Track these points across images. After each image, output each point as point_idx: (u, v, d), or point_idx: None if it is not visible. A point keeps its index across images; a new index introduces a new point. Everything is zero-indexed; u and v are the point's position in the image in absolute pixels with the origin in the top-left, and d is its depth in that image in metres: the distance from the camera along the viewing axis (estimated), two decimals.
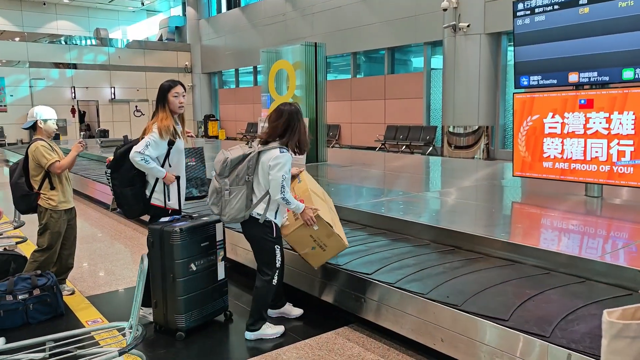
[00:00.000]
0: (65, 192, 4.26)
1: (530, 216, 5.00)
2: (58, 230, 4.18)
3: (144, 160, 3.52)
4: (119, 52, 24.03)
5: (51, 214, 4.14)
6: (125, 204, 3.74)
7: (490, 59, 12.61)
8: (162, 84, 3.75)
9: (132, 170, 3.63)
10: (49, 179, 4.15)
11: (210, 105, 25.94)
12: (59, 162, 4.13)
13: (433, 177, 8.31)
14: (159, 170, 3.63)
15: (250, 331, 3.47)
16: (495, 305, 2.87)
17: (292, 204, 3.30)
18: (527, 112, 5.52)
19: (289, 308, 3.83)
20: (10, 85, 21.25)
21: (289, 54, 9.46)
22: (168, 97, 3.68)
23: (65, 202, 4.24)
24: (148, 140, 3.55)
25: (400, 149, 15.18)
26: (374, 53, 17.20)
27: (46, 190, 4.15)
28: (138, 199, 3.72)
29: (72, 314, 4.02)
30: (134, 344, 2.62)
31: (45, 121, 4.20)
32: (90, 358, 2.61)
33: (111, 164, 3.72)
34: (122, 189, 3.69)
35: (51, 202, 4.14)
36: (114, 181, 3.71)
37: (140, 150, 3.51)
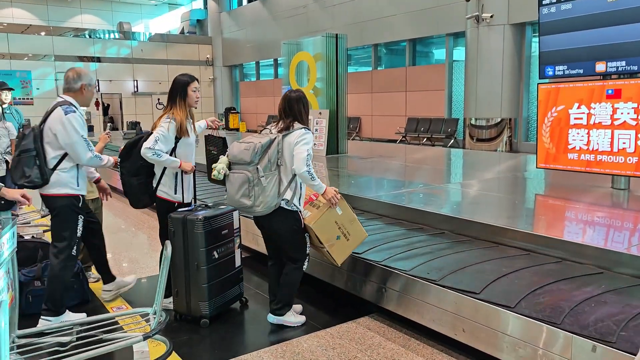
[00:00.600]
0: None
1: (554, 208, 4.92)
2: None
3: (155, 155, 3.49)
4: (141, 45, 24.29)
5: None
6: (130, 193, 3.75)
7: (514, 50, 12.40)
8: (178, 78, 3.71)
9: (140, 160, 3.63)
10: None
11: (231, 98, 26.08)
12: None
13: (454, 169, 8.24)
14: (173, 161, 3.59)
15: (275, 315, 3.50)
16: (513, 295, 2.84)
17: (316, 180, 3.27)
18: (552, 103, 5.43)
19: None
20: (36, 78, 21.65)
21: (309, 46, 9.44)
22: (188, 90, 3.67)
23: (90, 192, 4.25)
24: (157, 136, 3.52)
25: (421, 142, 15.07)
26: (395, 45, 17.06)
27: None
28: (143, 189, 3.72)
29: (97, 300, 4.11)
30: (157, 329, 2.67)
31: None
32: (116, 342, 2.67)
33: (121, 153, 3.76)
34: (129, 178, 3.72)
35: None
36: (123, 170, 3.75)
37: (150, 146, 3.49)
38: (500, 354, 2.76)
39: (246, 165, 3.29)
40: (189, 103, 3.69)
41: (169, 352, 2.75)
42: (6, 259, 2.39)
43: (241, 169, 3.32)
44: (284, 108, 3.42)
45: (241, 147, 3.32)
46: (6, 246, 2.34)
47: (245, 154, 3.29)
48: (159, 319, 2.73)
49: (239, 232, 3.84)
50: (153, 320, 2.78)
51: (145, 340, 2.62)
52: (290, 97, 3.43)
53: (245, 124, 24.33)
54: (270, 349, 3.24)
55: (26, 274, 3.90)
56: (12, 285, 2.69)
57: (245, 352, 3.21)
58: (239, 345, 3.35)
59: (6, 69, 20.55)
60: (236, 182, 3.32)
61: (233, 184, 3.34)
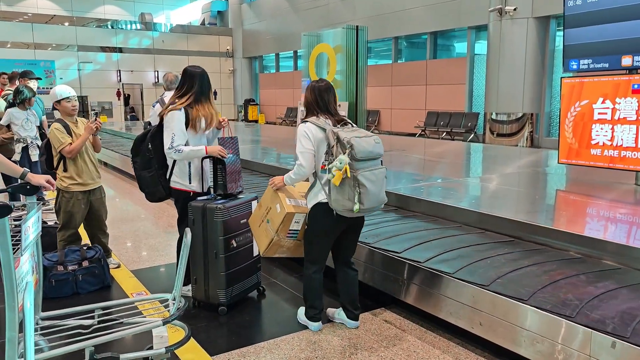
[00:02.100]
0: (81, 173, 4.21)
1: (575, 203, 4.85)
2: (70, 211, 4.22)
3: (178, 152, 3.49)
4: (162, 36, 24.47)
5: (63, 194, 4.20)
6: (145, 186, 3.76)
7: (537, 43, 12.19)
8: (199, 70, 3.67)
9: (148, 154, 3.66)
10: (63, 160, 4.16)
11: (250, 90, 26.16)
12: (70, 144, 4.09)
13: (474, 163, 8.16)
14: (198, 150, 3.57)
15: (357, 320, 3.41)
16: (535, 291, 2.82)
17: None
18: (576, 98, 5.34)
19: None
20: (60, 68, 21.97)
21: (329, 38, 9.41)
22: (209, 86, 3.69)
23: (78, 184, 4.20)
24: (172, 132, 3.49)
25: (440, 136, 14.95)
26: (415, 38, 16.91)
27: (60, 171, 4.18)
28: (155, 181, 3.71)
29: (118, 285, 4.18)
30: (177, 314, 2.71)
31: (59, 102, 4.14)
32: (136, 325, 2.72)
33: (132, 149, 3.80)
34: (141, 172, 3.73)
35: (62, 184, 4.18)
36: (135, 165, 3.78)
37: (169, 146, 3.48)
38: (518, 348, 2.75)
39: (379, 160, 3.12)
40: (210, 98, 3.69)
41: (188, 337, 2.79)
42: (31, 242, 2.45)
43: (377, 164, 3.10)
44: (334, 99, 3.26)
45: (371, 142, 3.03)
46: (31, 230, 2.39)
47: (380, 147, 3.09)
48: (178, 305, 2.77)
49: None
50: (172, 306, 2.82)
51: (164, 325, 2.67)
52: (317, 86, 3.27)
53: (264, 116, 24.41)
54: (286, 337, 3.27)
55: (49, 258, 3.99)
56: (37, 269, 2.76)
57: (262, 340, 3.25)
58: (256, 333, 3.39)
59: (30, 58, 20.90)
60: (379, 179, 3.07)
61: (376, 182, 3.02)
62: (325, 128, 3.08)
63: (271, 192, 3.37)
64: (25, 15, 21.45)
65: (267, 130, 14.92)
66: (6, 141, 5.89)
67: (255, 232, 3.53)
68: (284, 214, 3.25)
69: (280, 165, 6.98)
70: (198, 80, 3.63)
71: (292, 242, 3.41)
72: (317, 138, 3.11)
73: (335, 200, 3.01)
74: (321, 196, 3.14)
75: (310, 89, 3.25)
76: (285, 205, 3.27)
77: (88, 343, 2.47)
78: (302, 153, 3.11)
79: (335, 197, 3.01)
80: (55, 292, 3.89)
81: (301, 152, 3.11)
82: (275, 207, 3.32)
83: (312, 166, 3.14)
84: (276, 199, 3.32)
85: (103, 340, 2.54)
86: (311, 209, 3.22)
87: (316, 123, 3.12)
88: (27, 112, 5.84)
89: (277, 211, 3.30)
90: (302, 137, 3.12)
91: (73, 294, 3.95)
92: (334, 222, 3.13)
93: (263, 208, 3.43)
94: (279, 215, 3.28)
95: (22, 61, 19.91)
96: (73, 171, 4.18)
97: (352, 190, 2.94)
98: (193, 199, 3.63)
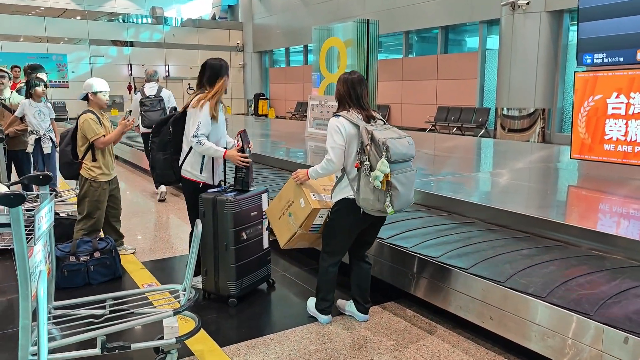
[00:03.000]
0: (107, 164, 4.41)
1: (588, 199, 4.81)
2: (97, 199, 4.34)
3: (200, 144, 3.54)
4: (173, 30, 24.54)
5: (91, 183, 4.31)
6: (157, 167, 3.83)
7: (550, 38, 12.07)
8: (218, 60, 3.69)
9: (167, 136, 3.74)
10: (92, 150, 4.28)
11: (260, 84, 26.17)
12: (104, 137, 4.27)
13: (485, 159, 8.11)
14: (217, 150, 3.61)
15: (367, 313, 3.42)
16: (548, 286, 2.80)
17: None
18: (589, 92, 5.29)
19: None
20: (72, 62, 22.13)
21: (340, 32, 9.39)
22: (226, 77, 3.71)
23: (105, 174, 4.37)
24: (199, 121, 3.54)
25: (451, 131, 14.87)
26: (426, 32, 16.81)
27: (88, 161, 4.30)
28: (168, 164, 3.78)
29: (129, 276, 4.21)
30: (187, 305, 2.72)
31: (95, 93, 4.31)
32: (147, 316, 2.74)
33: (154, 129, 3.86)
34: (157, 153, 3.81)
35: (91, 173, 4.30)
36: (153, 145, 3.84)
37: (194, 134, 3.53)
38: (528, 343, 2.74)
39: (410, 161, 3.04)
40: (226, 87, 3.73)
41: (198, 328, 2.80)
42: (44, 232, 2.47)
43: (409, 166, 3.03)
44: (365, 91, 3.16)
45: (405, 143, 2.96)
46: (44, 219, 2.41)
47: (412, 149, 3.02)
48: (189, 296, 2.78)
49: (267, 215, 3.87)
50: (183, 297, 2.84)
51: (175, 315, 2.69)
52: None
53: (274, 110, 24.42)
54: (296, 329, 3.28)
55: (62, 249, 4.02)
56: (50, 258, 2.78)
57: (272, 331, 3.26)
58: (265, 325, 3.40)
59: (43, 52, 21.07)
60: (411, 181, 3.01)
61: (406, 184, 2.96)
62: (358, 124, 3.00)
63: (294, 186, 3.33)
64: (38, 9, 21.59)
65: (277, 125, 14.93)
66: (19, 133, 5.95)
67: (275, 223, 3.52)
68: (310, 209, 3.21)
69: (289, 159, 6.98)
70: (214, 71, 3.68)
71: (314, 235, 3.42)
72: (349, 134, 3.01)
73: (363, 200, 2.97)
74: (348, 192, 3.07)
75: (343, 81, 3.14)
76: (310, 201, 3.22)
77: (99, 332, 2.49)
78: (333, 148, 3.02)
79: (364, 196, 2.96)
80: (67, 283, 3.92)
81: (332, 147, 3.02)
82: (298, 202, 3.28)
83: (342, 162, 3.05)
84: (300, 194, 3.28)
85: (114, 330, 2.56)
86: (336, 204, 3.15)
87: (349, 118, 3.02)
88: (40, 104, 5.88)
89: (301, 206, 3.26)
90: (334, 132, 3.02)
91: (85, 285, 3.99)
92: (359, 219, 3.10)
93: (284, 200, 3.40)
94: (303, 210, 3.25)
95: (34, 54, 20.09)
96: (101, 161, 4.34)
97: (382, 192, 2.90)
98: (202, 191, 3.64)
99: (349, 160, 3.06)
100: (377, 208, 2.96)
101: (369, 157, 2.90)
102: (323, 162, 3.09)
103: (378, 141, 2.86)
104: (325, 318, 3.35)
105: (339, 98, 3.16)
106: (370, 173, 2.88)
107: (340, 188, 3.12)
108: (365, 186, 2.93)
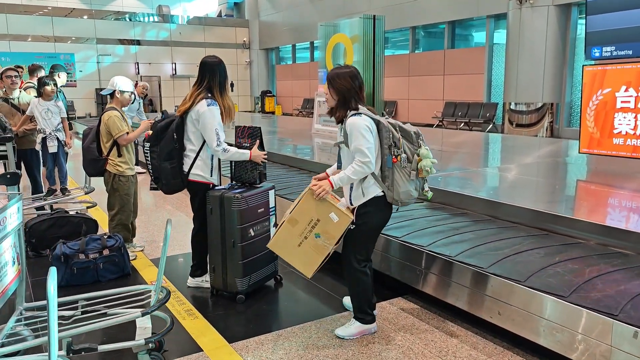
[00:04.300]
0: (131, 159, 4.57)
1: (597, 193, 4.78)
2: (127, 193, 4.48)
3: (225, 151, 3.54)
4: (180, 28, 24.57)
5: (120, 177, 4.44)
6: (164, 178, 3.68)
7: (558, 32, 11.97)
8: (218, 60, 3.69)
9: (171, 144, 3.63)
10: (117, 146, 4.40)
11: (267, 81, 26.18)
12: (127, 134, 4.39)
13: (493, 154, 8.08)
14: (242, 153, 3.61)
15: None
16: (556, 282, 2.79)
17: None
18: (598, 86, 5.24)
19: None
20: (79, 61, 22.22)
21: (346, 28, 9.36)
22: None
23: (130, 168, 4.53)
24: (216, 128, 3.51)
25: (458, 127, 14.81)
26: (433, 27, 16.73)
27: (114, 157, 4.41)
28: (176, 173, 3.68)
29: (138, 274, 4.24)
30: (156, 305, 2.69)
31: (122, 92, 4.46)
32: (115, 317, 2.67)
33: (150, 138, 3.69)
34: (161, 163, 3.66)
35: (119, 168, 4.42)
36: (153, 154, 3.69)
37: (217, 143, 3.51)
38: (537, 338, 2.72)
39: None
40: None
41: (169, 328, 2.74)
42: (10, 232, 2.42)
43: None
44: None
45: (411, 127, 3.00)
46: (11, 219, 2.37)
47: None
48: (159, 296, 2.77)
49: (274, 211, 3.88)
50: (154, 297, 2.80)
51: (144, 316, 2.61)
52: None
53: (281, 107, 24.43)
54: (303, 325, 3.28)
55: (71, 247, 4.05)
56: (19, 259, 2.73)
57: (280, 328, 3.27)
58: (273, 321, 3.41)
59: (51, 51, 21.18)
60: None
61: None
62: (379, 120, 2.94)
63: (314, 202, 2.94)
64: (46, 9, 21.70)
65: (284, 122, 14.94)
66: (28, 132, 5.98)
67: (293, 253, 3.03)
68: (348, 221, 2.94)
69: (296, 156, 6.98)
70: (218, 71, 3.66)
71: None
72: (375, 131, 2.91)
73: (404, 193, 2.92)
74: (375, 190, 2.95)
75: (347, 75, 2.97)
76: (344, 212, 2.95)
77: (65, 334, 2.42)
78: (369, 149, 2.84)
79: (404, 189, 2.92)
80: (77, 280, 3.96)
81: (368, 147, 2.84)
82: (328, 218, 2.94)
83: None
84: (327, 208, 2.94)
85: (79, 332, 2.50)
86: (365, 205, 2.97)
87: (371, 115, 2.92)
88: (49, 103, 5.91)
89: (333, 221, 2.93)
90: (365, 131, 2.85)
91: (94, 282, 4.02)
92: (389, 214, 3.08)
93: (303, 222, 2.97)
94: (338, 225, 2.94)
95: (42, 54, 20.21)
96: (127, 157, 4.49)
97: (419, 180, 2.98)
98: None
99: (380, 159, 2.97)
100: (415, 197, 3.01)
101: (404, 150, 2.91)
102: (356, 166, 2.85)
103: (410, 132, 2.93)
104: (374, 325, 3.17)
105: (346, 94, 2.96)
106: (408, 164, 2.92)
107: (366, 187, 2.95)
108: (402, 179, 2.92)
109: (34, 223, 4.75)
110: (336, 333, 3.14)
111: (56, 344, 1.98)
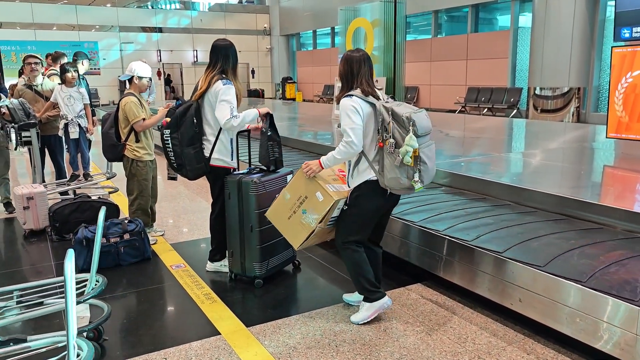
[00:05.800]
0: (149, 145, 4.58)
1: (624, 179, 4.64)
2: (145, 178, 4.52)
3: (236, 117, 3.51)
4: (201, 15, 24.63)
5: (137, 163, 4.47)
6: (188, 164, 3.64)
7: (586, 13, 11.61)
8: (229, 43, 3.71)
9: (192, 128, 3.60)
10: (135, 132, 4.42)
11: (288, 68, 26.11)
12: (144, 120, 4.40)
13: (517, 139, 7.91)
14: (250, 111, 3.63)
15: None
16: (578, 267, 2.71)
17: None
18: (627, 68, 5.06)
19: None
20: (103, 49, 22.49)
21: (367, 12, 9.24)
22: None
23: (148, 154, 4.55)
24: (230, 101, 3.51)
25: (481, 112, 14.57)
26: (456, 11, 16.42)
27: (132, 142, 4.44)
28: (199, 158, 3.66)
29: (158, 258, 4.28)
30: (91, 294, 2.69)
31: (140, 78, 4.45)
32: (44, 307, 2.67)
33: (170, 124, 3.62)
34: (184, 149, 3.60)
35: (136, 154, 4.45)
36: (174, 141, 3.61)
37: (230, 115, 3.49)
38: (560, 326, 2.66)
39: (430, 134, 2.94)
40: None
41: (105, 317, 2.75)
42: None
43: (429, 139, 2.92)
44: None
45: (424, 116, 2.86)
46: None
47: (430, 121, 2.91)
48: (93, 286, 2.76)
49: None
50: (89, 286, 2.79)
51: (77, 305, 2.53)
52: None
53: (302, 94, 24.37)
54: (321, 310, 3.27)
55: (92, 231, 4.11)
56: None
57: (297, 312, 3.27)
58: (290, 305, 3.41)
59: (75, 40, 21.47)
60: (434, 154, 2.95)
61: (432, 158, 2.91)
62: (374, 103, 2.91)
63: (304, 180, 3.09)
64: None
65: (304, 108, 14.89)
66: (51, 118, 6.07)
67: (284, 225, 3.22)
68: (331, 201, 2.99)
69: (316, 142, 6.94)
70: (230, 53, 3.67)
71: (327, 230, 3.18)
72: (366, 113, 2.90)
73: (392, 179, 2.84)
74: (369, 174, 2.95)
75: (345, 59, 3.03)
76: (329, 193, 3.01)
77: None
78: (353, 129, 2.85)
79: (392, 175, 2.83)
80: (98, 264, 4.00)
81: (352, 127, 2.85)
82: (314, 196, 3.04)
83: (362, 144, 2.92)
84: (315, 187, 3.05)
85: (5, 323, 2.48)
86: (356, 189, 3.00)
87: (363, 97, 2.91)
88: (71, 89, 5.97)
89: (318, 200, 3.03)
90: (351, 112, 2.87)
91: (115, 266, 4.07)
92: (385, 200, 3.01)
93: (293, 198, 3.14)
94: (322, 204, 3.02)
95: (67, 43, 20.48)
96: (144, 142, 4.50)
97: (411, 169, 2.80)
98: None
99: (367, 141, 2.94)
100: (406, 186, 2.85)
101: (392, 135, 2.81)
102: (341, 146, 2.90)
103: (402, 116, 2.77)
104: (387, 300, 3.11)
105: (342, 77, 3.03)
106: (396, 150, 2.80)
107: (359, 172, 2.98)
108: (391, 165, 2.83)
109: (57, 207, 4.83)
110: (351, 320, 3.12)
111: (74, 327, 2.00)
